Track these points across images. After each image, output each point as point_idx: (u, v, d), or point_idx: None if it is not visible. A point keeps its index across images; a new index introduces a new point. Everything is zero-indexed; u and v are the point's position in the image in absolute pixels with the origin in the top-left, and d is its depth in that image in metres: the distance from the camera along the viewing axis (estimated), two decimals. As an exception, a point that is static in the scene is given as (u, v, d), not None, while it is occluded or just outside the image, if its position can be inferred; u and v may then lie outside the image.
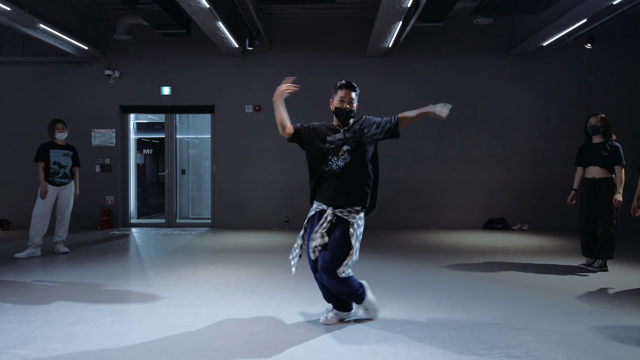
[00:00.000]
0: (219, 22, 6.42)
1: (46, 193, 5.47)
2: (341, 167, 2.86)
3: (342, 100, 2.93)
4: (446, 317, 3.18)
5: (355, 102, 2.98)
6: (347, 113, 2.94)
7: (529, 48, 7.68)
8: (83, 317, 3.16)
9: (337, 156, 2.88)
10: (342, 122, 2.98)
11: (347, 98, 2.93)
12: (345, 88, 2.94)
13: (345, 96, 2.92)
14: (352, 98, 2.94)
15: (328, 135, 2.95)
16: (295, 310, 3.32)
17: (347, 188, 2.86)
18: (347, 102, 2.93)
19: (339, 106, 2.93)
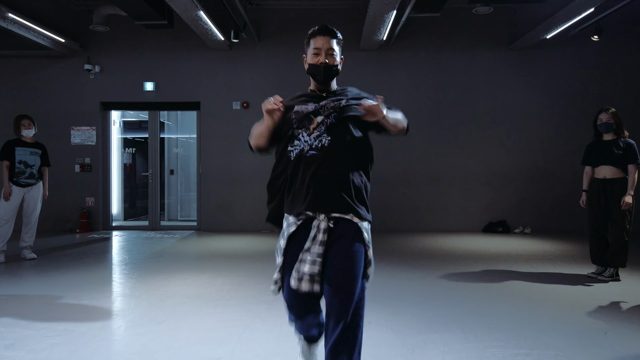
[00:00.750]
0: (201, 12, 6.00)
1: (10, 194, 5.05)
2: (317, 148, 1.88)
3: (318, 53, 1.98)
4: (440, 337, 2.76)
5: (338, 55, 2.00)
6: (326, 69, 1.97)
7: (532, 41, 7.26)
8: (22, 339, 2.74)
9: (308, 131, 1.92)
10: (321, 85, 2.03)
11: (324, 48, 1.97)
12: (319, 34, 1.99)
13: (322, 46, 1.97)
14: (331, 48, 1.97)
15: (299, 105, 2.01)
16: (268, 329, 2.91)
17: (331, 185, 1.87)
18: (324, 54, 1.97)
19: (314, 62, 1.98)
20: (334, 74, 2.00)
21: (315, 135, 1.89)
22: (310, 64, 1.99)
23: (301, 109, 1.98)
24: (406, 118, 2.05)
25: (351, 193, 1.87)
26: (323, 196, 1.85)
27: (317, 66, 1.97)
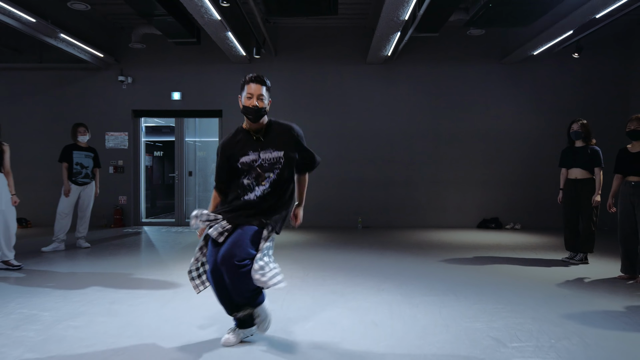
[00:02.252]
0: (229, 33, 6.86)
1: (69, 192, 5.89)
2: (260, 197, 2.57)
3: (250, 97, 2.52)
4: (438, 299, 3.60)
5: (266, 99, 2.57)
6: (257, 111, 2.53)
7: (521, 56, 8.13)
8: (118, 299, 3.58)
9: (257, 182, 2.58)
10: (253, 122, 2.58)
11: (255, 93, 2.52)
12: (252, 82, 2.54)
13: (254, 92, 2.52)
14: (262, 94, 2.53)
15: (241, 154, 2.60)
16: (304, 293, 3.74)
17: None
18: (255, 98, 2.52)
19: (247, 104, 2.52)
20: (262, 114, 2.56)
21: (262, 188, 2.57)
22: (244, 106, 2.54)
23: (246, 160, 2.57)
24: (318, 158, 2.89)
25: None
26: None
27: (249, 108, 2.52)
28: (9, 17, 5.97)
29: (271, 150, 2.60)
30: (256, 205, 2.57)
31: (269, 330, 2.68)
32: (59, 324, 2.97)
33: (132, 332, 2.83)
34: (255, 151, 2.60)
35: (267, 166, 2.58)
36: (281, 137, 2.65)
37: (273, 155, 2.60)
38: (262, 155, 2.59)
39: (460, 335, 2.79)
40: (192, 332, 2.83)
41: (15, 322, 2.99)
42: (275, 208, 2.62)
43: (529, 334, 2.81)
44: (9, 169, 4.62)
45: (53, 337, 2.72)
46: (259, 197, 2.57)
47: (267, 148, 2.61)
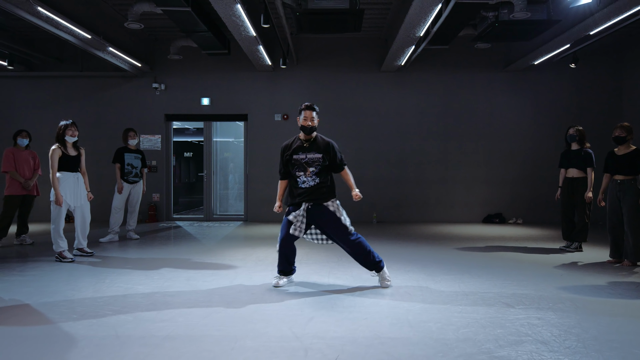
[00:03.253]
0: (260, 46, 7.60)
1: (122, 189, 6.64)
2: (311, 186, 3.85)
3: (306, 119, 3.84)
4: (456, 277, 4.35)
5: (316, 119, 3.89)
6: (310, 129, 3.86)
7: (522, 66, 8.88)
8: (192, 276, 4.33)
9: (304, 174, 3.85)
10: (307, 135, 3.89)
11: (309, 117, 3.84)
12: (306, 110, 3.87)
13: (308, 116, 3.85)
14: (312, 117, 3.86)
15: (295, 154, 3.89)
16: (343, 272, 4.49)
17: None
18: (309, 120, 3.84)
19: (304, 123, 3.86)
20: (313, 130, 3.89)
21: (309, 177, 3.85)
22: (302, 125, 3.88)
23: (298, 158, 3.87)
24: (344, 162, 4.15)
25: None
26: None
27: (305, 127, 3.87)
28: (69, 34, 6.71)
29: (314, 153, 3.88)
30: (313, 192, 3.84)
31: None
32: (155, 293, 3.72)
33: (219, 299, 3.58)
34: (304, 152, 3.89)
35: (310, 163, 3.86)
36: (321, 145, 3.94)
37: (315, 156, 3.87)
38: (309, 156, 3.88)
39: (477, 301, 3.53)
40: (265, 298, 3.58)
41: (121, 292, 3.74)
42: (324, 193, 3.88)
43: (532, 300, 3.56)
44: (85, 170, 5.36)
45: (157, 302, 3.47)
46: (311, 187, 3.84)
47: (311, 151, 3.89)
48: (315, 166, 3.84)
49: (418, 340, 2.68)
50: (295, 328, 2.89)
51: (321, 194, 3.85)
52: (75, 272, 4.51)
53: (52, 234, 5.03)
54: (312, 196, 3.84)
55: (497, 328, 2.90)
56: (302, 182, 3.86)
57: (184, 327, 2.92)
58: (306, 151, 3.87)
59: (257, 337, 2.73)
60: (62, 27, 6.44)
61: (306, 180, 3.84)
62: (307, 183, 3.85)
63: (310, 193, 3.84)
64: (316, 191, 3.84)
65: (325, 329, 2.89)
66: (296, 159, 3.87)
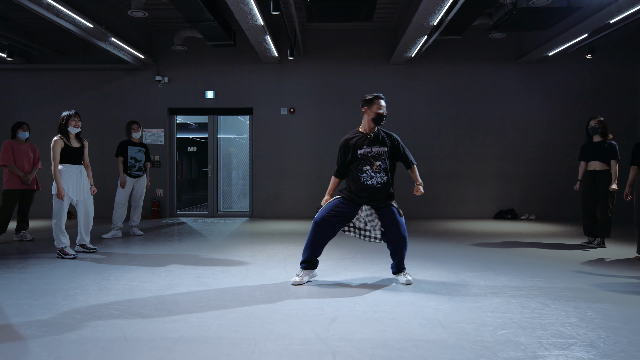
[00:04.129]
0: (267, 36, 7.36)
1: (125, 183, 6.41)
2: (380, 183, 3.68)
3: (380, 108, 3.78)
4: (479, 274, 4.12)
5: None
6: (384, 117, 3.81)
7: (536, 57, 8.63)
8: (201, 273, 4.10)
9: (372, 169, 3.67)
10: (376, 125, 3.81)
11: (383, 107, 3.80)
12: (381, 99, 3.83)
13: (382, 106, 3.80)
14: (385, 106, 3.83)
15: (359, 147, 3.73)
16: (360, 270, 4.26)
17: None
18: (384, 110, 3.80)
19: (381, 112, 3.79)
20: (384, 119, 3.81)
21: (376, 173, 3.66)
22: (377, 114, 3.75)
23: (364, 152, 3.69)
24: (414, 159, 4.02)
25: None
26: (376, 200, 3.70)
27: (381, 115, 3.77)
28: (70, 23, 6.47)
29: (379, 146, 3.72)
30: (379, 191, 3.65)
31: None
32: (164, 291, 3.49)
33: (232, 297, 3.35)
34: (369, 146, 3.71)
35: (377, 156, 3.68)
36: (386, 139, 3.82)
37: (381, 149, 3.71)
38: (374, 149, 3.71)
39: (509, 300, 3.30)
40: (280, 296, 3.35)
41: (127, 291, 3.51)
42: (391, 195, 3.73)
43: (567, 298, 3.33)
44: (88, 162, 5.13)
45: (167, 301, 3.24)
46: (379, 184, 3.64)
47: (376, 144, 3.73)
48: (382, 160, 3.68)
49: (455, 343, 2.45)
50: (318, 329, 2.67)
51: (388, 195, 3.71)
52: (78, 269, 4.28)
53: (53, 229, 4.81)
54: (378, 195, 3.65)
55: (538, 329, 2.67)
56: (369, 177, 3.64)
57: (197, 328, 2.69)
58: (371, 144, 3.71)
59: (278, 340, 2.51)
60: (64, 15, 6.20)
61: (374, 175, 3.64)
62: (374, 179, 3.64)
63: (376, 192, 3.64)
64: (382, 191, 3.66)
65: (351, 330, 2.66)
66: (361, 153, 3.69)
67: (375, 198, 3.66)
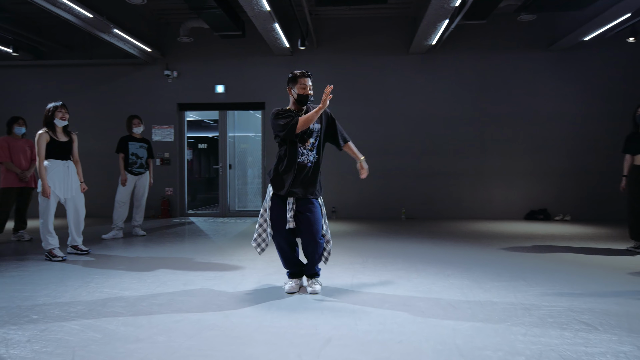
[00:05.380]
0: (276, 24, 6.91)
1: (126, 181, 6.07)
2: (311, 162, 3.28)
3: (304, 87, 3.25)
4: (508, 284, 3.54)
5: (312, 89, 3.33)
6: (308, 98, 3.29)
7: (570, 43, 7.88)
8: (191, 280, 3.67)
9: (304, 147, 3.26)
10: (302, 106, 3.31)
11: (307, 85, 3.27)
12: (305, 77, 3.28)
13: (306, 84, 3.26)
14: (310, 85, 3.29)
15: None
16: (370, 277, 3.74)
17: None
18: (308, 89, 3.27)
19: (303, 92, 3.25)
20: (311, 101, 3.32)
21: (308, 150, 3.25)
22: (299, 94, 3.25)
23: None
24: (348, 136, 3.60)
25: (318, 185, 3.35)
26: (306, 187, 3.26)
27: (304, 96, 3.25)
28: (68, 12, 6.18)
29: (313, 123, 3.23)
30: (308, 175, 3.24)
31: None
32: (142, 301, 3.07)
33: (216, 308, 2.89)
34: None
35: (310, 133, 3.26)
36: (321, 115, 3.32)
37: (314, 126, 3.28)
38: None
39: (545, 318, 2.73)
40: (272, 310, 2.87)
41: (102, 300, 3.11)
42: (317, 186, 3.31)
43: (618, 318, 2.73)
44: (78, 158, 4.79)
45: (141, 313, 2.82)
46: (309, 168, 3.25)
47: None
48: (315, 137, 3.29)
49: (476, 379, 1.92)
50: (305, 355, 2.18)
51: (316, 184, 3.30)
52: (61, 273, 3.92)
53: (40, 229, 4.48)
54: (306, 183, 3.24)
55: (584, 361, 2.11)
56: (300, 154, 3.22)
57: (162, 351, 2.24)
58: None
59: (254, 369, 2.03)
60: (60, 4, 5.90)
61: (304, 153, 3.23)
62: (305, 157, 3.23)
63: (305, 176, 3.23)
64: (312, 177, 3.27)
65: (347, 356, 2.16)
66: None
67: (303, 180, 3.22)
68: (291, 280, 3.38)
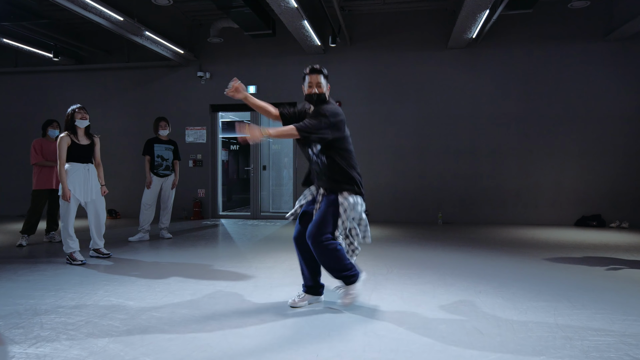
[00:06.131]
0: (305, 21, 6.68)
1: (151, 183, 6.04)
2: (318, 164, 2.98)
3: (311, 86, 2.90)
4: (549, 305, 3.11)
5: (325, 86, 2.92)
6: (318, 96, 2.90)
7: (630, 32, 7.13)
8: (200, 289, 3.50)
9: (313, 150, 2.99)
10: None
11: (314, 82, 2.89)
12: (311, 73, 2.91)
13: (313, 81, 2.89)
14: (319, 82, 2.89)
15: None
16: (391, 292, 3.42)
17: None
18: (315, 86, 2.89)
19: (308, 92, 2.92)
20: (321, 100, 2.91)
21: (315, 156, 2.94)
22: (306, 94, 2.93)
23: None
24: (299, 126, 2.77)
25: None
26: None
27: (310, 95, 2.91)
28: (100, 16, 6.25)
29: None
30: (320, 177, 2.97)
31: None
32: (143, 313, 2.92)
33: (214, 326, 2.69)
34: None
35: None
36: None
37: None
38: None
39: (589, 351, 2.31)
40: (275, 329, 2.63)
41: (103, 310, 2.99)
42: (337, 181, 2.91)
43: (682, 354, 2.27)
44: (100, 161, 4.77)
45: (137, 328, 2.66)
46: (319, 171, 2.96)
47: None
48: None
49: None
50: (298, 389, 1.91)
51: (333, 181, 2.91)
52: (75, 278, 3.87)
53: (61, 232, 4.48)
54: (321, 182, 3.00)
55: (636, 415, 1.71)
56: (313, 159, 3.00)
57: (143, 375, 2.05)
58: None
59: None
60: (90, 7, 5.96)
61: (312, 158, 2.99)
62: (315, 163, 2.98)
63: (319, 178, 3.02)
64: (324, 176, 2.95)
65: (344, 394, 1.87)
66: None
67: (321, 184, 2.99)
68: (301, 293, 3.13)
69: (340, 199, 2.88)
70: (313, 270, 3.07)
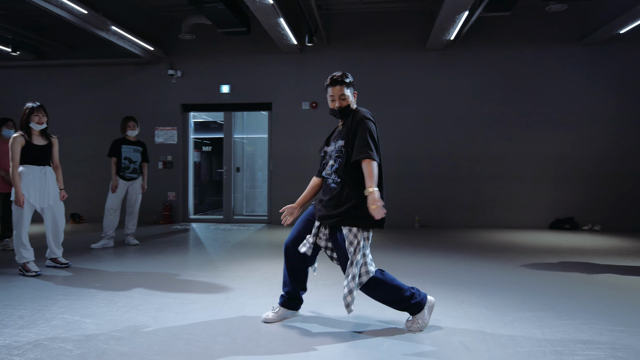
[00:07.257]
0: (281, 19, 6.46)
1: (116, 187, 5.70)
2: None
3: (333, 99, 2.68)
4: (534, 315, 2.99)
5: (351, 96, 2.69)
6: (341, 111, 2.67)
7: (605, 36, 7.21)
8: (166, 304, 3.23)
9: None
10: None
11: (337, 95, 2.65)
12: (331, 85, 2.65)
13: (335, 94, 2.65)
14: (343, 94, 2.64)
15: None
16: (369, 302, 3.24)
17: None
18: (338, 100, 2.66)
19: (331, 106, 2.71)
20: (346, 112, 2.66)
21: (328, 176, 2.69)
22: (330, 108, 2.70)
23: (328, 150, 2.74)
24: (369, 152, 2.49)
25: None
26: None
27: (333, 110, 2.69)
28: (61, 8, 5.86)
29: (338, 139, 2.64)
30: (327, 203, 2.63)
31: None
32: (100, 334, 2.64)
33: (180, 348, 2.44)
34: (334, 140, 2.69)
35: (331, 154, 2.66)
36: (349, 127, 2.59)
37: (338, 144, 2.63)
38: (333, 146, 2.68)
39: (581, 367, 2.19)
40: (247, 349, 2.41)
41: (55, 331, 2.69)
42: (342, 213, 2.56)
43: (676, 370, 2.17)
44: (58, 163, 4.42)
45: (92, 351, 2.39)
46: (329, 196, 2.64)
47: (339, 137, 2.65)
48: (335, 159, 2.62)
49: None
50: None
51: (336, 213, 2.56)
52: (28, 292, 3.54)
53: (14, 241, 4.12)
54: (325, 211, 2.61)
55: None
56: (326, 179, 2.72)
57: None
58: (337, 138, 2.70)
59: None
60: (50, -1, 5.58)
61: (327, 179, 2.69)
62: (327, 183, 2.69)
63: (325, 205, 2.63)
64: (330, 203, 2.60)
65: None
66: (326, 150, 2.75)
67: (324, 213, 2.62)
68: (276, 306, 2.91)
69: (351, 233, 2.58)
70: (298, 282, 2.84)
